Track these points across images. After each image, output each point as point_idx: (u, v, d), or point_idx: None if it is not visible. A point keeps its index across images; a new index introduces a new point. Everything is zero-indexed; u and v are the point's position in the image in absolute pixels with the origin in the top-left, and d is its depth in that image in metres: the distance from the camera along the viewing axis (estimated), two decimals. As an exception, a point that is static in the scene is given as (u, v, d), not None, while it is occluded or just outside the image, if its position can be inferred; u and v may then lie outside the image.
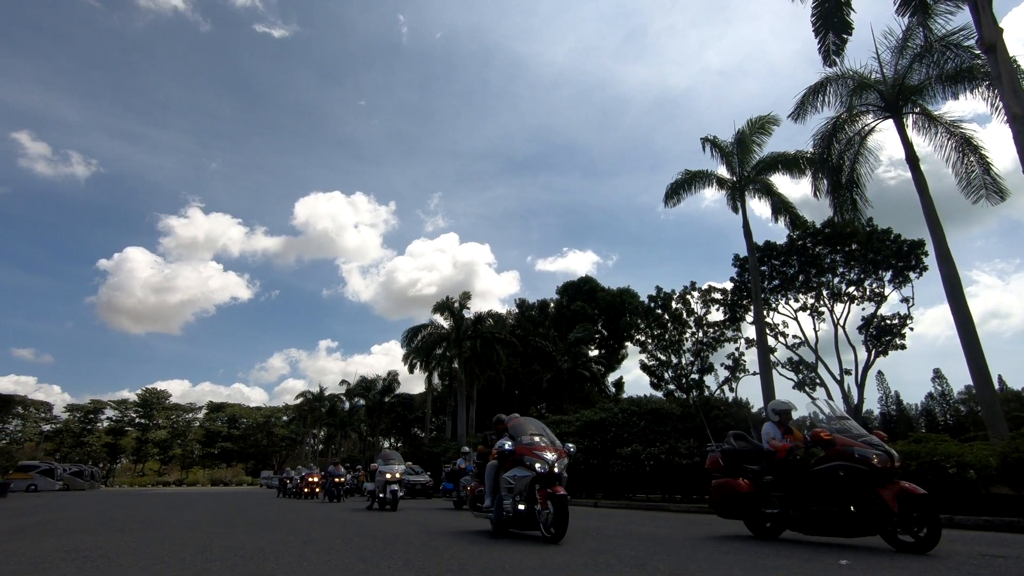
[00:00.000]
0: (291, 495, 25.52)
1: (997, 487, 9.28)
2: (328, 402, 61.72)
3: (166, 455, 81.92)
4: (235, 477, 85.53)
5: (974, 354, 12.29)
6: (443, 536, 6.92)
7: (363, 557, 4.98)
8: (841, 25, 12.37)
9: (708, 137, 19.64)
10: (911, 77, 14.44)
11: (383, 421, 53.97)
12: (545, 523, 5.99)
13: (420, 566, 4.45)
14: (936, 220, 13.47)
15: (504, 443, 6.78)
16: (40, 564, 4.65)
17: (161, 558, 4.97)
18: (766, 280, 28.20)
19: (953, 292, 12.88)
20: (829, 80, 15.28)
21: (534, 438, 6.71)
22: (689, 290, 35.10)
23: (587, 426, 18.44)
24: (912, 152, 14.26)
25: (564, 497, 5.97)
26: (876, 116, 15.32)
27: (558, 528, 5.85)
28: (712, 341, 34.25)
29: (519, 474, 6.42)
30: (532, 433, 6.82)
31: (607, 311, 44.04)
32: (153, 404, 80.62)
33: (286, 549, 5.58)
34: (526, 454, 6.42)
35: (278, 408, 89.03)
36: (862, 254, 25.61)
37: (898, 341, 25.79)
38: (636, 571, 4.12)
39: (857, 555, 4.93)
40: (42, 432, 69.83)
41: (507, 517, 6.61)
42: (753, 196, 19.56)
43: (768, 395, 16.98)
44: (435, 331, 34.89)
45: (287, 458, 79.65)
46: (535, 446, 6.53)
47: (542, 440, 6.72)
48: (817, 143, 15.75)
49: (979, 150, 13.77)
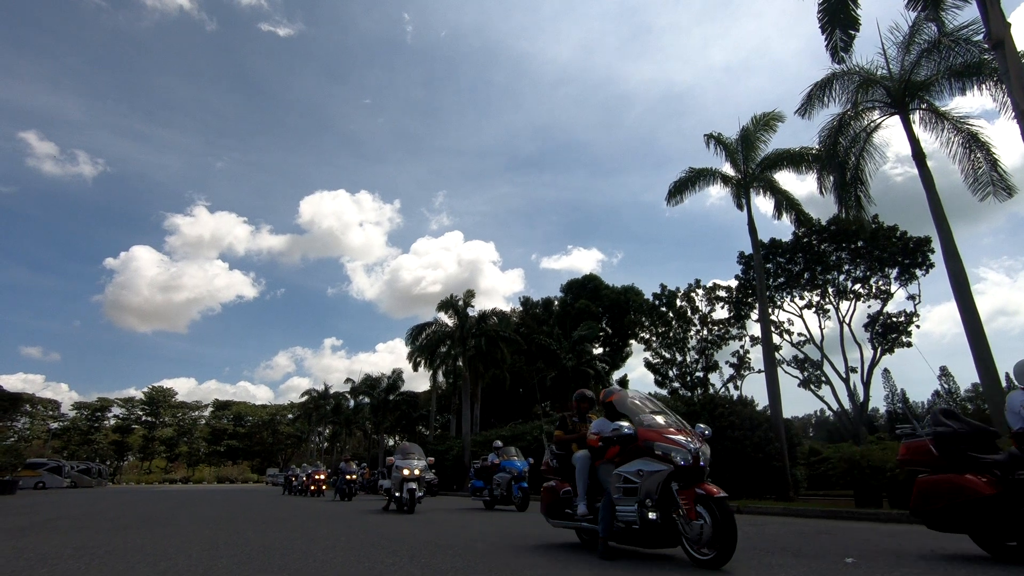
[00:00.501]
0: (296, 493, 25.63)
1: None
2: (333, 400, 61.90)
3: (172, 453, 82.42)
4: (241, 475, 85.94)
5: (981, 352, 12.20)
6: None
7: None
8: (848, 21, 12.27)
9: (712, 134, 19.53)
10: (918, 73, 14.33)
11: (388, 419, 54.08)
12: (696, 539, 4.22)
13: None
14: (943, 217, 13.37)
15: (615, 426, 4.79)
16: (49, 561, 4.68)
17: (168, 555, 5.01)
18: (771, 277, 28.12)
19: (960, 289, 12.78)
20: (836, 76, 15.19)
21: (656, 417, 4.89)
22: (694, 288, 35.17)
23: (591, 424, 18.42)
24: (919, 148, 14.15)
25: (725, 500, 4.18)
26: (882, 112, 15.21)
27: (722, 547, 4.06)
28: (717, 339, 34.33)
29: (647, 468, 4.52)
30: (652, 411, 5.03)
31: (611, 309, 44.01)
32: (160, 402, 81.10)
33: (292, 546, 5.60)
34: (655, 440, 4.56)
35: (283, 406, 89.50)
36: (868, 251, 25.52)
37: (904, 338, 25.72)
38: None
39: (862, 553, 4.92)
40: (50, 430, 70.41)
41: (623, 529, 4.75)
42: (758, 193, 19.45)
43: (773, 393, 16.83)
44: (439, 329, 34.93)
45: (292, 456, 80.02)
46: (663, 428, 4.69)
47: (667, 420, 4.87)
48: (823, 139, 15.66)
49: (986, 146, 13.66)
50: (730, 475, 15.26)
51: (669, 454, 4.45)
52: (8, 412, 50.81)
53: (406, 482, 11.35)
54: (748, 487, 15.08)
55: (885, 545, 5.51)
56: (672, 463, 4.41)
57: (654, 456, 4.53)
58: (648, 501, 4.47)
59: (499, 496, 12.96)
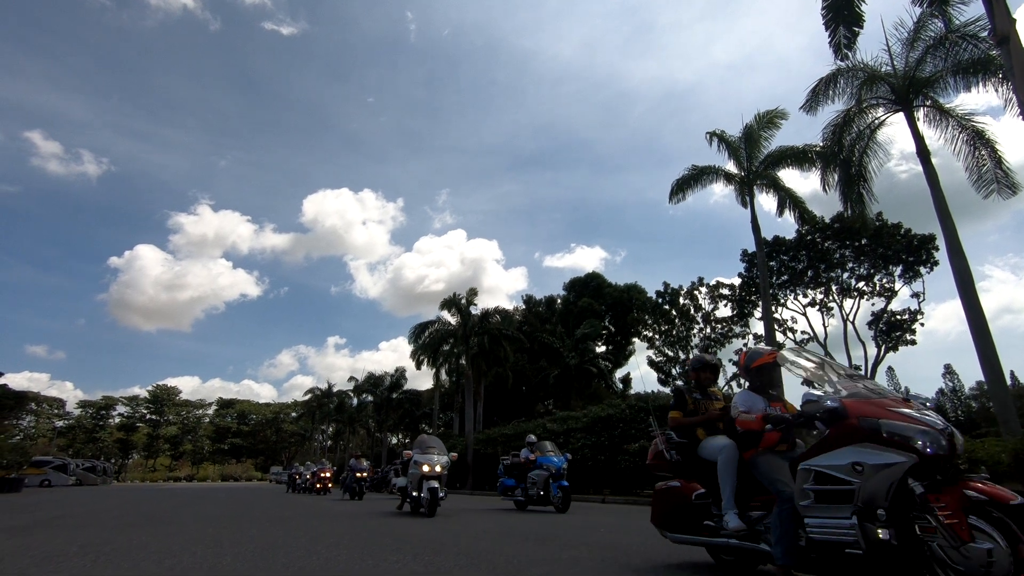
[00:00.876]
0: (300, 491, 25.70)
1: (1009, 484, 9.21)
2: (336, 398, 62.09)
3: (177, 451, 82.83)
4: (245, 473, 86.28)
5: (986, 349, 12.16)
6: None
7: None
8: (852, 18, 12.21)
9: (715, 132, 19.50)
10: (922, 69, 14.28)
11: (391, 417, 54.21)
12: (976, 571, 2.52)
13: (428, 560, 4.47)
14: (947, 214, 13.32)
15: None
16: (55, 558, 4.71)
17: (173, 552, 5.03)
18: (775, 275, 28.06)
19: (964, 287, 12.74)
20: (840, 72, 15.15)
21: (858, 384, 3.37)
22: (697, 286, 35.14)
23: (595, 422, 18.44)
24: (923, 146, 14.10)
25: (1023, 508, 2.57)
26: (887, 109, 15.17)
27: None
28: (720, 337, 34.29)
29: (871, 460, 2.92)
30: (846, 375, 3.55)
31: (614, 307, 44.01)
32: (164, 400, 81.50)
33: (295, 543, 5.62)
34: (879, 416, 3.00)
35: (287, 404, 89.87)
36: (872, 249, 25.45)
37: (908, 336, 25.65)
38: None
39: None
40: (55, 428, 70.89)
41: (811, 553, 3.23)
42: (762, 191, 19.42)
43: (777, 391, 16.88)
44: (442, 327, 34.96)
45: (296, 454, 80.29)
46: (886, 400, 3.14)
47: (874, 388, 3.35)
48: (828, 136, 15.62)
49: (991, 144, 13.60)
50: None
51: (908, 438, 2.86)
52: (14, 410, 51.13)
53: (426, 480, 9.90)
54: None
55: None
56: (915, 451, 2.83)
57: (880, 442, 2.93)
58: (880, 512, 2.88)
59: (535, 496, 11.68)
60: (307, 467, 27.30)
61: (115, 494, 23.35)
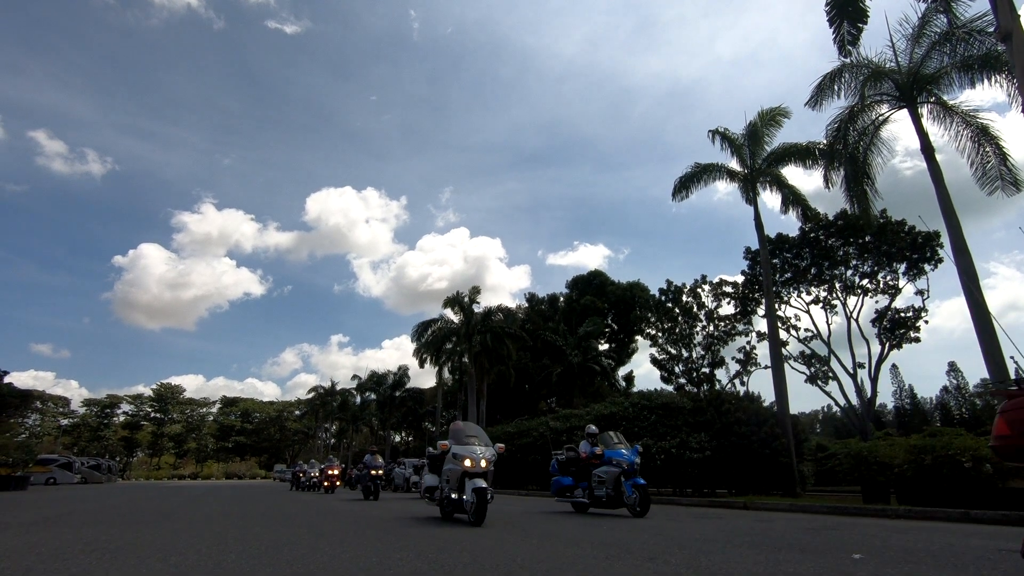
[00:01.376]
0: (304, 489, 25.75)
1: (1014, 481, 9.18)
2: (340, 396, 62.28)
3: (181, 449, 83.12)
4: (249, 471, 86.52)
5: (990, 347, 12.11)
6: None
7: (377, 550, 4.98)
8: (856, 14, 12.15)
9: (717, 129, 19.41)
10: (927, 66, 14.21)
11: (394, 415, 54.34)
12: None
13: (433, 558, 4.47)
14: (952, 211, 13.26)
15: None
16: (61, 556, 4.73)
17: (178, 549, 5.05)
18: (778, 273, 27.97)
19: (969, 284, 12.69)
20: (845, 68, 15.09)
21: None
22: (700, 283, 34.99)
23: (597, 420, 18.43)
24: (927, 142, 14.03)
25: None
26: (891, 106, 15.09)
27: None
28: (723, 335, 34.18)
29: None
30: None
31: (617, 305, 43.95)
32: (168, 399, 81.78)
33: (300, 542, 5.64)
34: None
35: (290, 402, 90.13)
36: (876, 246, 25.33)
37: (912, 334, 25.52)
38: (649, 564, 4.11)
39: (870, 550, 4.90)
40: (60, 426, 71.18)
41: None
42: (765, 188, 19.35)
43: (780, 389, 16.82)
44: (445, 326, 35.00)
45: (300, 452, 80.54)
46: None
47: None
48: (833, 132, 15.56)
49: (995, 140, 13.53)
50: (737, 471, 15.24)
51: None
52: (19, 409, 51.33)
53: (469, 479, 7.80)
54: (755, 483, 15.07)
55: (893, 541, 5.49)
56: None
57: None
58: None
59: (602, 497, 9.93)
60: (311, 465, 27.23)
61: (120, 492, 23.47)
